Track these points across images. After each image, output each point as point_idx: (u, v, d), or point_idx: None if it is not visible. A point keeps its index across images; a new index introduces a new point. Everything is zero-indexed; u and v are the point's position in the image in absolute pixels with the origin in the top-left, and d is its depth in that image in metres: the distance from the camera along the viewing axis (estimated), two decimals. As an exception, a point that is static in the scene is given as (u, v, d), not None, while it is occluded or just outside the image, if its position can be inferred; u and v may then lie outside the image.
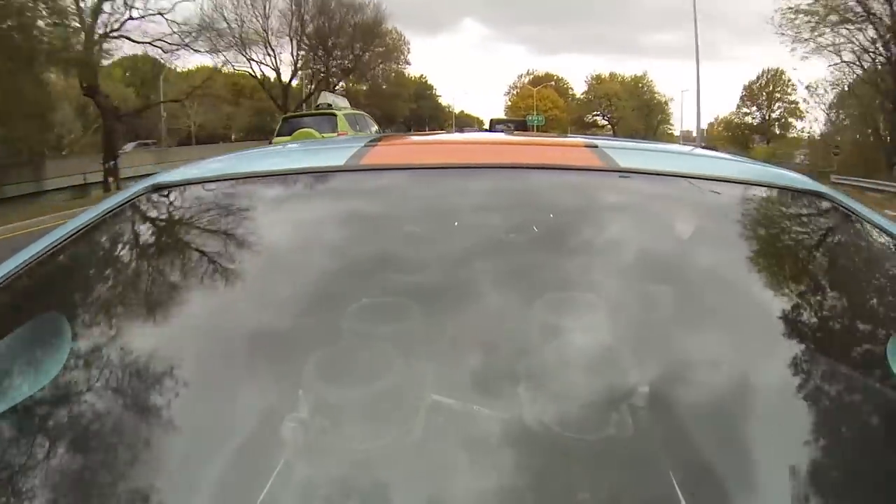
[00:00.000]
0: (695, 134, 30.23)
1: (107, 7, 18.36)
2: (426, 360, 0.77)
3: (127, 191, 0.96)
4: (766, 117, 49.53)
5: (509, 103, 61.10)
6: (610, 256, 0.88)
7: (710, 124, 53.79)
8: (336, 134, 12.22)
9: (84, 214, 0.91)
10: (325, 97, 16.26)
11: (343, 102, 16.68)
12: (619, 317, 0.82)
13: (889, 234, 0.89)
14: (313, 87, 32.80)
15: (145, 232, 0.95)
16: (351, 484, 0.63)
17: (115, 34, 18.86)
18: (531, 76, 63.44)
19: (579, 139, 1.20)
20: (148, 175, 1.10)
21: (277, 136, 12.73)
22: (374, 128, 15.60)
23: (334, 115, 13.73)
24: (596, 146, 1.06)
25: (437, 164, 1.01)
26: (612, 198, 0.97)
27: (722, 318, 0.81)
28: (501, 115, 50.63)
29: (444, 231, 0.94)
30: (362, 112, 16.45)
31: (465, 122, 57.70)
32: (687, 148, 1.34)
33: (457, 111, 65.22)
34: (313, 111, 14.65)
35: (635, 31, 67.14)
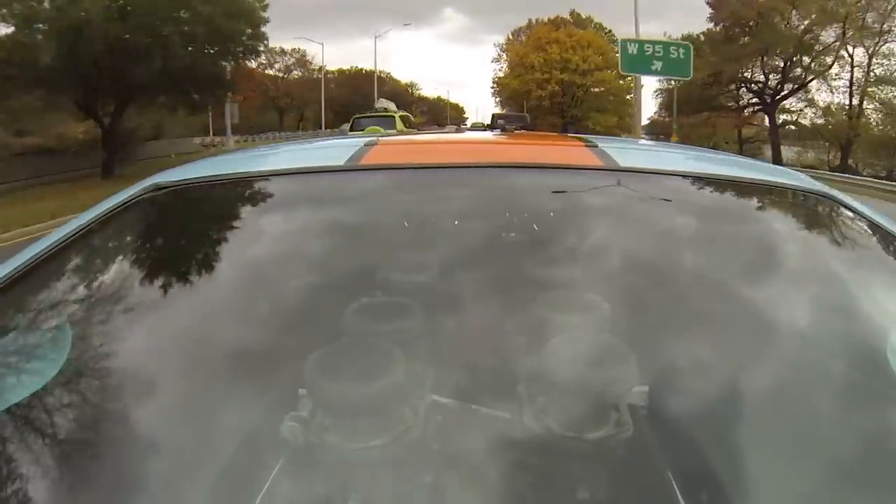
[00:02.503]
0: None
1: None
2: (427, 359, 0.77)
3: (128, 190, 0.97)
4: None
5: (500, 74, 37.19)
6: (611, 256, 0.87)
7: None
8: (396, 131, 14.85)
9: (84, 214, 0.92)
10: (381, 102, 20.15)
11: (392, 106, 20.57)
12: (619, 317, 0.81)
13: (892, 235, 0.87)
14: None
15: (146, 232, 0.96)
16: (347, 486, 0.64)
17: None
18: (539, 23, 36.09)
19: (579, 138, 1.19)
20: None
21: (351, 130, 16.13)
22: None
23: (392, 116, 17.16)
24: (596, 145, 1.06)
25: (437, 164, 1.01)
26: (612, 197, 0.95)
27: (723, 318, 0.80)
28: (489, 99, 39.69)
29: (445, 230, 0.94)
30: (407, 113, 20.43)
31: (442, 113, 45.66)
32: (687, 147, 1.33)
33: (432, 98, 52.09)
34: (376, 113, 17.79)
35: (616, 20, 63.56)
